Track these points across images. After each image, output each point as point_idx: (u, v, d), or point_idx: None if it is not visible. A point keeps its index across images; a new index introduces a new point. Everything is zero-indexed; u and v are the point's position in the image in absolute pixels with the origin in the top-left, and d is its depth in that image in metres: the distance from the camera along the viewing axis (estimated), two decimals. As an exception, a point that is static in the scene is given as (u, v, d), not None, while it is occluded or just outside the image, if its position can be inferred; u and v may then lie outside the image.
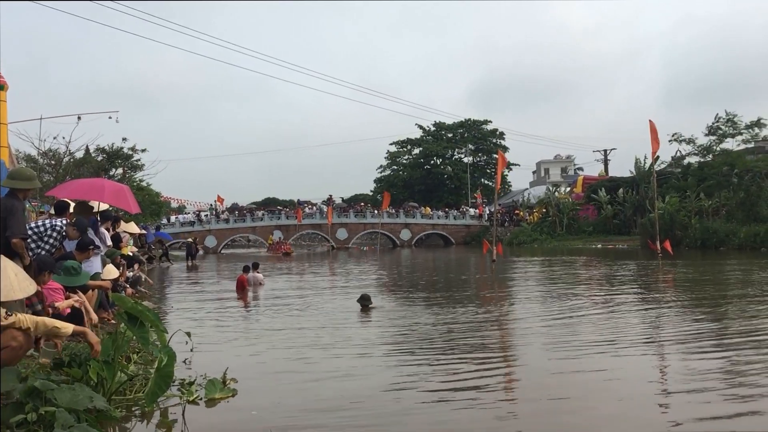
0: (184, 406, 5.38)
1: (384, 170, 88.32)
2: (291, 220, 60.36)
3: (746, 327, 9.22)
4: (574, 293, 14.67)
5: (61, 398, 4.22)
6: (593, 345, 8.12)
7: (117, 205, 11.43)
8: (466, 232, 62.31)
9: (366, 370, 7.01)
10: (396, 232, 62.50)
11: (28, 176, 6.82)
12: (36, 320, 4.89)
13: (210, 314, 12.14)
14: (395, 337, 9.31)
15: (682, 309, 11.52)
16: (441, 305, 12.77)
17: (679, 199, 38.83)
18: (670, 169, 47.41)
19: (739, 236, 32.03)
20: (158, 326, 5.45)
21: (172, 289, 19.16)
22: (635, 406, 5.42)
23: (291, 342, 8.88)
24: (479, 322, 10.42)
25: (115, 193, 9.80)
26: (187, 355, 7.39)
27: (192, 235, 48.14)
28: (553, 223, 51.99)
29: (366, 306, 12.07)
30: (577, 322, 10.18)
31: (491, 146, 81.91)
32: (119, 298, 5.76)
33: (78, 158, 30.54)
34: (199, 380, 5.97)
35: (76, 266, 7.77)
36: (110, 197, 9.79)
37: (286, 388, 6.22)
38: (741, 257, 25.90)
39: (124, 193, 10.00)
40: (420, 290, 16.59)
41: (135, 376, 5.81)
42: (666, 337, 8.78)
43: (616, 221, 47.68)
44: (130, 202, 10.03)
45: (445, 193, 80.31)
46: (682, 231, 35.60)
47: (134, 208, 10.39)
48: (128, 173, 36.53)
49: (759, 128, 36.82)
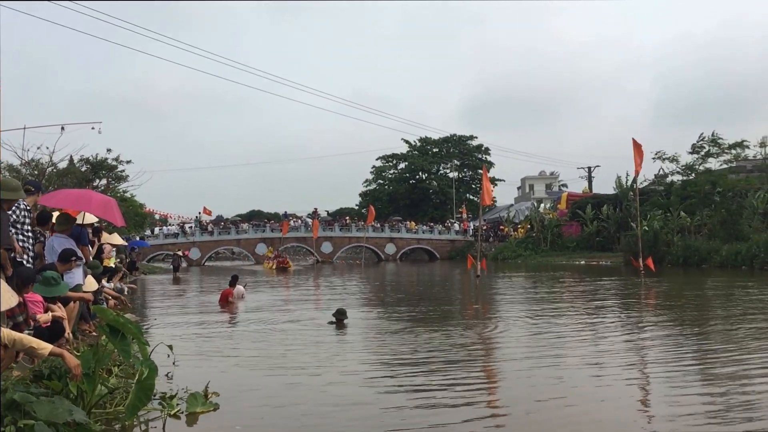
0: (164, 420, 5.34)
1: (369, 184, 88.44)
2: (276, 233, 60.13)
3: (729, 347, 9.30)
4: (557, 309, 14.74)
5: (40, 411, 4.18)
6: (576, 366, 8.16)
7: (104, 218, 11.34)
8: (451, 247, 62.39)
9: (347, 388, 6.99)
10: (381, 246, 62.50)
11: (14, 187, 6.76)
12: (14, 337, 4.83)
13: (193, 327, 12.06)
14: (376, 353, 9.30)
15: (664, 327, 11.60)
16: (422, 320, 12.77)
17: (662, 217, 39.16)
18: (653, 186, 47.85)
19: (721, 254, 32.28)
20: (140, 339, 5.42)
21: (154, 302, 19.02)
22: (619, 426, 5.45)
23: (273, 356, 8.84)
24: (461, 338, 10.43)
25: (103, 205, 9.69)
26: (169, 369, 7.34)
27: (176, 247, 47.89)
28: (537, 239, 52.24)
29: (341, 320, 11.95)
30: (559, 339, 10.22)
31: (476, 162, 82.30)
32: (101, 310, 5.73)
33: (61, 168, 30.36)
34: (181, 394, 5.93)
35: (55, 276, 7.70)
36: (98, 209, 9.69)
37: (268, 403, 6.20)
38: (722, 275, 26.12)
39: (111, 206, 9.90)
40: (402, 305, 16.56)
41: (116, 389, 5.75)
42: (649, 358, 8.84)
43: (599, 238, 48.00)
44: (116, 215, 9.94)
45: (430, 208, 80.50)
46: (665, 248, 35.89)
47: (119, 221, 10.30)
48: (112, 184, 36.34)
49: (741, 149, 37.31)
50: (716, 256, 32.56)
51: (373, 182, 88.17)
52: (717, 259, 32.35)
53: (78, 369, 4.97)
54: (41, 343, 5.03)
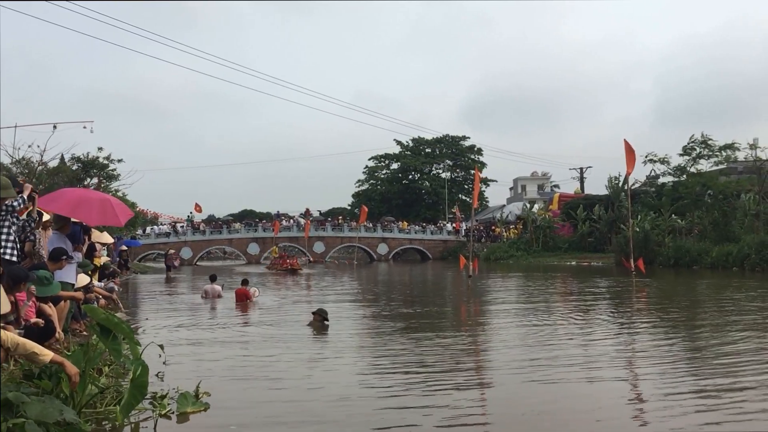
0: (155, 420, 5.32)
1: (362, 184, 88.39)
2: (268, 232, 60.05)
3: (718, 347, 9.35)
4: (548, 310, 14.78)
5: (30, 410, 4.17)
6: (567, 366, 8.18)
7: (105, 224, 11.21)
8: (443, 247, 62.43)
9: (338, 388, 6.99)
10: (373, 246, 62.49)
11: (3, 185, 6.73)
12: (17, 341, 4.82)
13: (184, 327, 12.04)
14: (366, 353, 9.31)
15: (655, 328, 11.65)
16: (414, 320, 12.78)
17: (653, 218, 39.34)
18: (645, 188, 48.03)
19: (712, 255, 32.44)
20: (131, 338, 5.40)
21: (146, 301, 18.97)
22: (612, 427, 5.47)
23: (263, 356, 8.83)
24: (452, 338, 10.45)
25: (102, 211, 9.48)
26: (160, 368, 7.31)
27: (168, 247, 47.76)
28: (529, 239, 52.35)
29: (323, 321, 11.76)
30: (550, 339, 10.24)
31: (469, 162, 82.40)
32: (92, 309, 5.70)
33: (52, 167, 30.23)
34: (172, 393, 5.91)
35: (48, 276, 7.68)
36: (98, 217, 9.52)
37: (259, 403, 6.19)
38: (713, 276, 26.25)
39: (110, 207, 9.64)
40: (394, 305, 16.56)
41: (106, 388, 5.73)
42: (640, 357, 8.88)
43: (591, 239, 48.17)
44: (118, 214, 9.71)
45: (422, 208, 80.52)
46: (657, 249, 36.04)
47: (123, 217, 10.02)
48: (104, 183, 36.22)
49: (732, 151, 37.49)
50: (707, 258, 32.71)
51: (365, 182, 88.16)
52: (708, 260, 32.50)
53: (77, 377, 4.95)
54: (43, 350, 5.00)
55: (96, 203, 9.68)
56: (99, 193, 12.42)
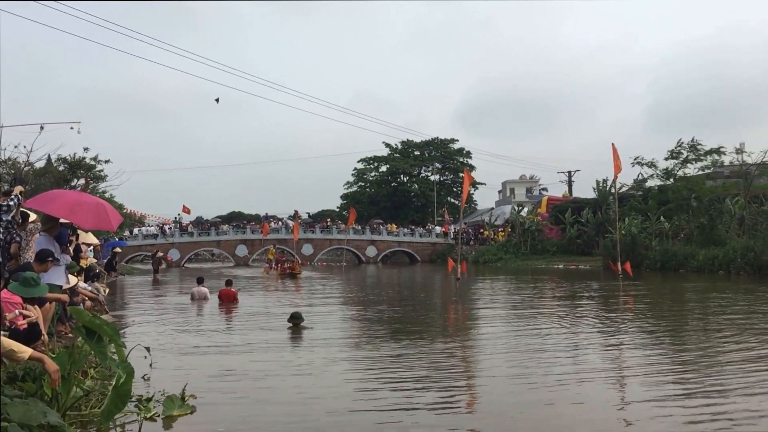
0: (141, 423, 5.30)
1: (351, 187, 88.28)
2: (256, 234, 59.83)
3: (704, 349, 9.41)
4: (536, 313, 14.83)
5: (13, 413, 4.13)
6: (556, 369, 8.20)
7: (100, 229, 11.14)
8: (432, 250, 62.44)
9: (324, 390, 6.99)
10: (362, 248, 62.42)
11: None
12: None
13: (170, 329, 11.99)
14: (353, 356, 9.30)
15: (641, 331, 11.71)
16: (401, 323, 12.78)
17: (640, 221, 39.55)
18: (632, 191, 48.27)
19: (698, 259, 32.64)
20: (117, 341, 5.37)
21: (132, 303, 18.86)
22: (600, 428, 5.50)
23: (250, 359, 8.81)
24: (441, 341, 10.46)
25: (97, 217, 9.39)
26: (146, 371, 7.28)
27: (155, 248, 47.52)
28: (518, 242, 52.48)
29: (297, 324, 11.66)
30: (538, 342, 10.27)
31: (458, 165, 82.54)
32: (77, 311, 5.67)
33: (38, 168, 30.04)
34: (158, 396, 5.89)
35: (35, 277, 7.61)
36: (93, 221, 9.44)
37: (244, 405, 6.17)
38: (699, 280, 26.41)
39: (104, 212, 9.56)
40: (382, 308, 16.56)
41: (91, 391, 5.70)
42: (626, 359, 8.93)
43: (578, 242, 48.35)
44: (110, 220, 9.64)
45: (411, 211, 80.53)
46: (644, 252, 36.21)
47: (115, 222, 9.95)
48: (91, 184, 36.01)
49: (719, 155, 37.76)
50: (693, 261, 32.90)
51: (354, 184, 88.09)
52: (694, 263, 32.69)
53: (57, 374, 4.91)
54: (21, 347, 4.97)
55: (92, 207, 9.57)
56: (93, 198, 12.29)
